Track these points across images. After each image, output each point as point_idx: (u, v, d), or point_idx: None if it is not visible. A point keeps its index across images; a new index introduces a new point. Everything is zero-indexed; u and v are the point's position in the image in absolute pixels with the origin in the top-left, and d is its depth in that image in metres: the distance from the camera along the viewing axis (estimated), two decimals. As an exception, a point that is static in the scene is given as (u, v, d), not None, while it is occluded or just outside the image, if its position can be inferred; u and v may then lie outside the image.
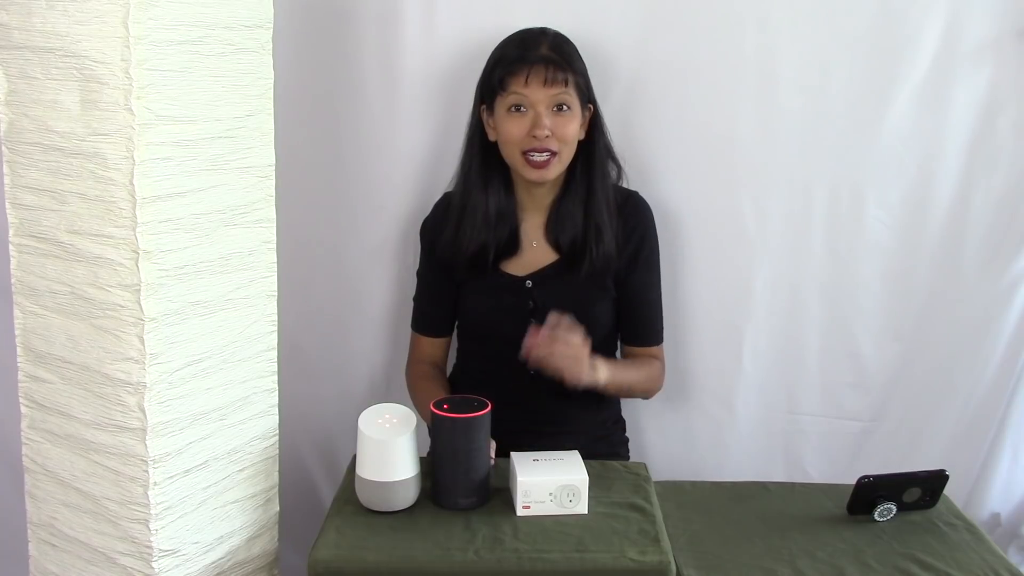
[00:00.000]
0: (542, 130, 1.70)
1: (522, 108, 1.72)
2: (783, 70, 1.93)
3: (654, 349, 1.89)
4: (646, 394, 1.90)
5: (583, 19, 1.87)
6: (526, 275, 1.83)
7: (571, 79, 1.72)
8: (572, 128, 1.74)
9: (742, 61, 1.92)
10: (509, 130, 1.73)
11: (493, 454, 1.58)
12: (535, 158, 1.73)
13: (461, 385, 1.89)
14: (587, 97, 1.77)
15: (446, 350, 1.94)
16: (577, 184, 1.80)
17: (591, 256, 1.78)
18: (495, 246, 1.81)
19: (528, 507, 1.52)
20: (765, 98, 1.94)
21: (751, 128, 1.95)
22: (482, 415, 1.52)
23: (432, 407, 1.53)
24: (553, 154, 1.73)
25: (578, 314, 1.81)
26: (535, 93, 1.70)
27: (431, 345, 1.91)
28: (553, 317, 1.66)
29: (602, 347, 1.87)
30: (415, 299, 1.93)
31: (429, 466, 1.57)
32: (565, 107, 1.72)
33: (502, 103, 1.73)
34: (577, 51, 1.76)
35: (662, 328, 1.90)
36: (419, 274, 1.92)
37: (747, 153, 1.96)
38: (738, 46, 1.92)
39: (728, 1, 1.91)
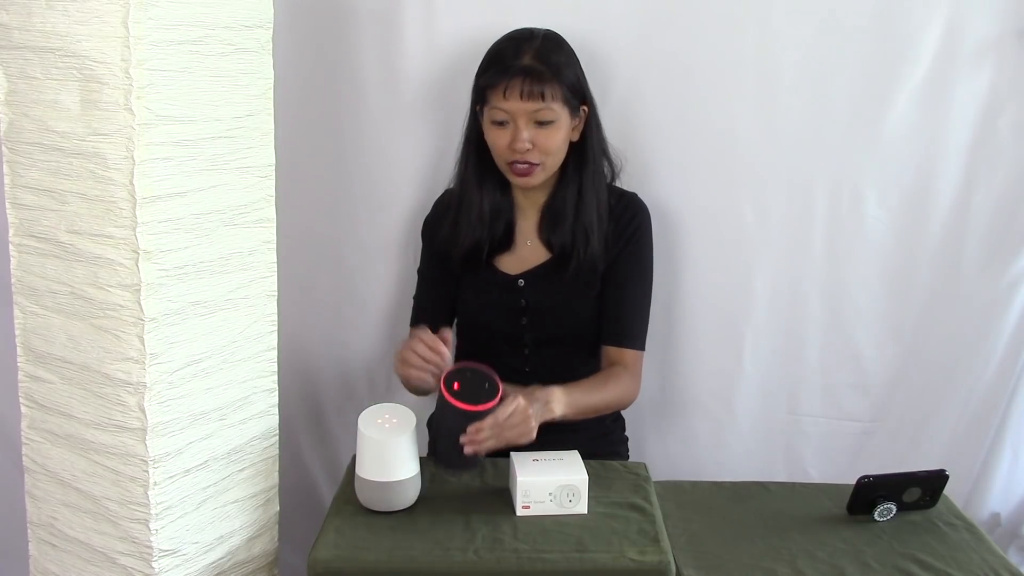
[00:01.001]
0: (521, 143, 1.70)
1: (504, 122, 1.72)
2: (783, 70, 1.92)
3: (627, 353, 1.82)
4: (618, 408, 1.88)
5: (582, 18, 1.87)
6: (519, 273, 1.83)
7: (550, 91, 1.69)
8: (554, 140, 1.72)
9: (742, 61, 1.92)
10: (493, 141, 1.74)
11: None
12: (518, 167, 1.73)
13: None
14: (580, 100, 1.75)
15: None
16: (568, 184, 1.80)
17: (578, 256, 1.78)
18: (489, 242, 1.81)
19: (528, 507, 1.52)
20: (765, 98, 1.94)
21: (751, 128, 1.95)
22: (490, 407, 1.53)
23: (442, 386, 1.53)
24: (535, 165, 1.73)
25: (568, 312, 1.82)
26: (513, 106, 1.69)
27: None
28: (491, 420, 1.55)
29: (590, 349, 1.87)
30: (415, 297, 1.92)
31: (431, 426, 1.62)
32: (546, 121, 1.71)
33: (487, 113, 1.74)
34: (568, 54, 1.74)
35: (642, 334, 1.85)
36: (420, 271, 1.92)
37: (747, 153, 1.96)
38: (738, 46, 1.92)
39: (728, 1, 1.91)
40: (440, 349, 1.61)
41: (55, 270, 1.46)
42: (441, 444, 1.58)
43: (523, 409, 1.56)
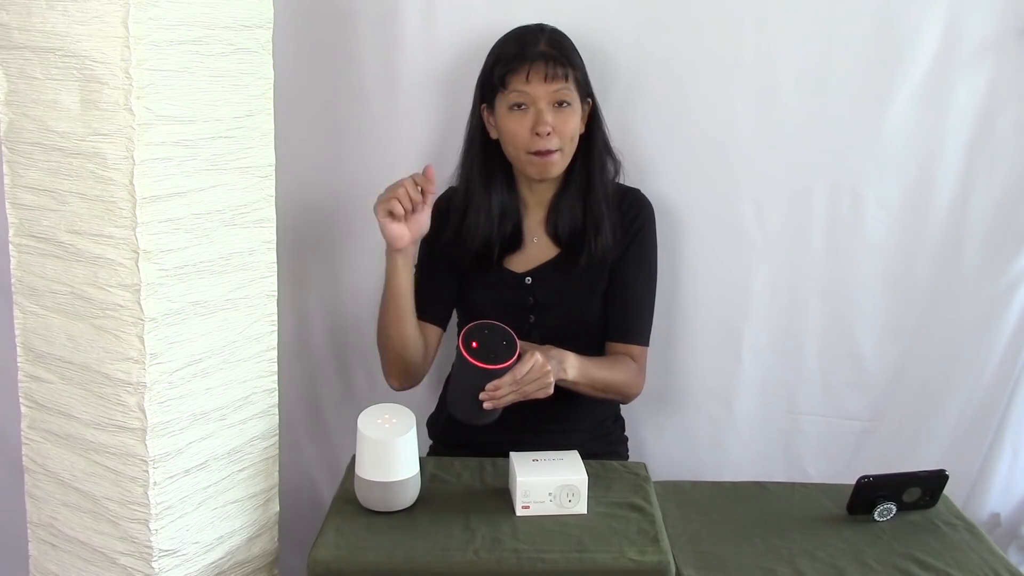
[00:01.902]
0: (544, 127, 1.71)
1: (523, 106, 1.72)
2: (783, 69, 1.93)
3: (634, 349, 1.84)
4: (622, 397, 1.87)
5: (582, 18, 1.87)
6: (526, 271, 1.83)
7: (570, 74, 1.72)
8: (573, 123, 1.74)
9: (742, 61, 1.93)
10: (512, 129, 1.74)
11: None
12: (538, 156, 1.73)
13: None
14: (586, 91, 1.77)
15: (434, 341, 1.87)
16: (576, 178, 1.81)
17: (589, 250, 1.78)
18: (499, 242, 1.81)
19: (528, 507, 1.52)
20: (765, 98, 1.94)
21: (751, 128, 1.95)
22: (507, 366, 1.57)
23: (460, 344, 1.57)
24: (555, 151, 1.73)
25: (576, 309, 1.82)
26: (536, 89, 1.70)
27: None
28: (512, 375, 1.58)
29: (596, 347, 1.87)
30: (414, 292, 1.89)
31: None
32: (566, 103, 1.72)
33: (503, 101, 1.74)
34: (574, 46, 1.76)
35: (647, 330, 1.86)
36: (417, 267, 1.90)
37: (747, 153, 1.96)
38: (738, 46, 1.92)
39: (728, 1, 1.91)
40: (426, 187, 1.68)
41: (55, 270, 1.46)
42: (459, 399, 1.64)
43: (541, 365, 1.59)
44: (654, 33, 1.93)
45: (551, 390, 1.62)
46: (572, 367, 1.69)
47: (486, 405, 1.59)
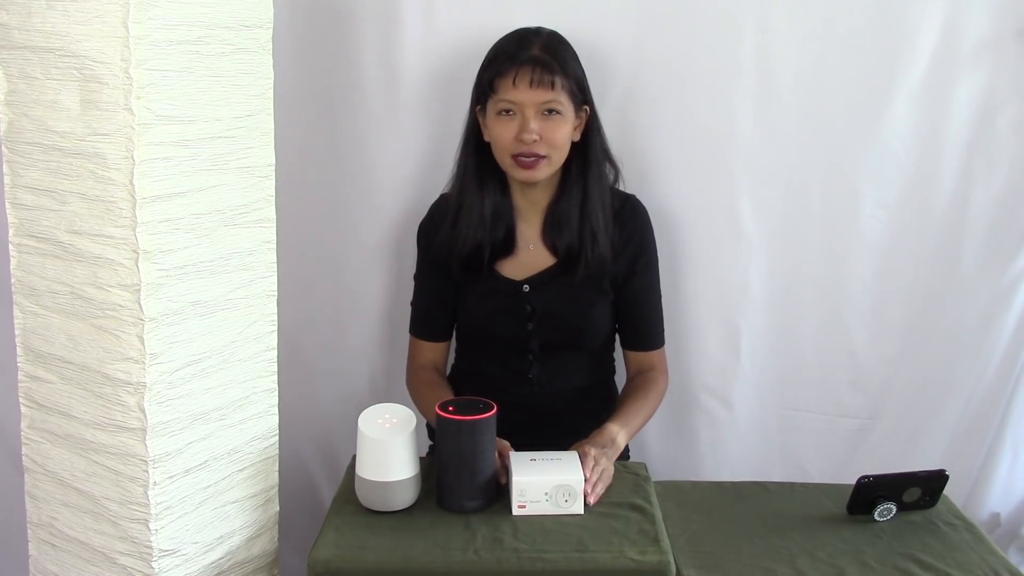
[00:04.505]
0: (529, 134, 1.69)
1: (511, 112, 1.71)
2: (781, 70, 1.93)
3: (654, 353, 1.87)
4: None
5: (581, 19, 1.87)
6: (523, 279, 1.82)
7: (559, 81, 1.69)
8: (561, 132, 1.72)
9: (740, 61, 1.93)
10: (499, 133, 1.73)
11: (508, 460, 1.56)
12: (523, 160, 1.72)
13: (459, 386, 1.89)
14: (582, 99, 1.76)
15: (446, 354, 1.93)
16: (573, 186, 1.79)
17: (586, 259, 1.78)
18: (490, 246, 1.80)
19: (524, 506, 1.52)
20: (763, 98, 1.94)
21: (749, 128, 1.95)
22: (488, 417, 1.52)
23: (437, 409, 1.53)
24: (541, 157, 1.72)
25: (576, 318, 1.82)
26: (522, 96, 1.69)
27: (431, 350, 1.90)
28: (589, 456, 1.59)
29: (601, 350, 1.87)
30: (413, 304, 1.92)
31: (433, 468, 1.56)
32: (555, 111, 1.71)
33: (492, 106, 1.73)
34: (572, 52, 1.75)
35: (663, 330, 1.89)
36: (416, 278, 1.91)
37: (745, 153, 1.96)
38: (736, 46, 1.92)
39: (726, 1, 1.91)
40: None
41: (55, 270, 1.46)
42: (448, 481, 1.54)
43: (604, 460, 1.59)
44: (653, 34, 1.92)
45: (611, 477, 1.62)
46: (622, 437, 1.71)
47: (590, 499, 1.52)
